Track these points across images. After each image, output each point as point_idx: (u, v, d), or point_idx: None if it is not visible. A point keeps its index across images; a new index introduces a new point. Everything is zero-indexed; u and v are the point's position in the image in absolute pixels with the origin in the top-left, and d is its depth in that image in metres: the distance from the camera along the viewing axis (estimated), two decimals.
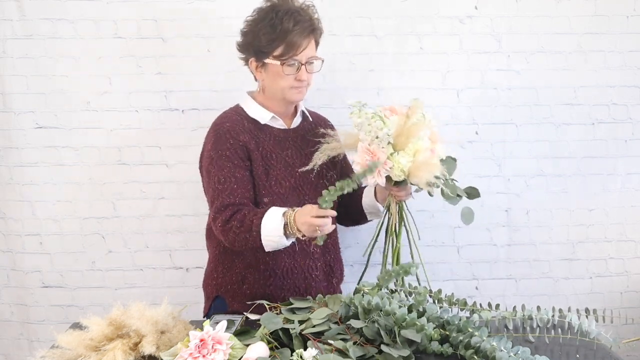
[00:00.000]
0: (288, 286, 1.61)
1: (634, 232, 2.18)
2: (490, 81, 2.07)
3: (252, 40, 1.56)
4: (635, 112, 2.11)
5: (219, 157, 1.55)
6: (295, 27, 1.52)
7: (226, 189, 1.52)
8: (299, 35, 1.52)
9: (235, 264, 1.63)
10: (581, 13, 2.03)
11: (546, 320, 1.38)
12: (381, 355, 1.21)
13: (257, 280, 1.60)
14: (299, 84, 1.58)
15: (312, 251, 1.63)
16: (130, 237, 2.12)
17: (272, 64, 1.54)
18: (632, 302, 2.21)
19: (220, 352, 1.16)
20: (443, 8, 2.02)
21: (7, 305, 2.18)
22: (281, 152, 1.62)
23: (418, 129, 1.51)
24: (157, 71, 2.01)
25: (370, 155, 1.50)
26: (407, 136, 1.50)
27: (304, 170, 1.61)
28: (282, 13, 1.52)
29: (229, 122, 1.59)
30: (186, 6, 1.98)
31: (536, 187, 2.14)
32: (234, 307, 1.62)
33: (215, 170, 1.54)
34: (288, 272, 1.61)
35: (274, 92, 1.60)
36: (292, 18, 1.52)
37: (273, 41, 1.52)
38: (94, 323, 1.27)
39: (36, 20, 1.96)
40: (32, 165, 2.05)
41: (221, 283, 1.65)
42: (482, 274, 2.19)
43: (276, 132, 1.64)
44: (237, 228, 1.48)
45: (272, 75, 1.57)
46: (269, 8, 1.55)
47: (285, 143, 1.64)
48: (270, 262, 1.59)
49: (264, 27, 1.52)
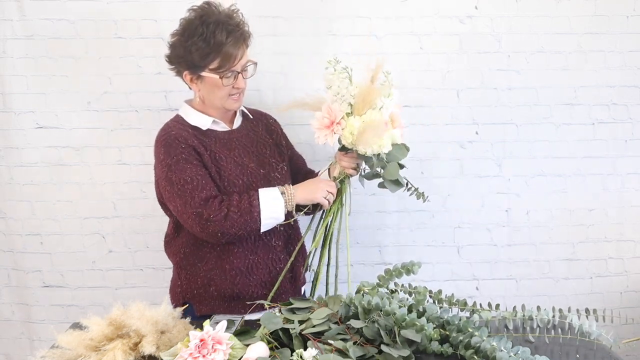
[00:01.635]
0: (254, 282, 1.62)
1: (633, 232, 2.18)
2: (490, 81, 2.07)
3: (184, 55, 1.51)
4: (635, 112, 2.11)
5: (176, 162, 1.52)
6: (228, 38, 1.49)
7: (197, 186, 1.51)
8: (234, 46, 1.50)
9: (198, 267, 1.62)
10: (581, 13, 2.03)
11: (546, 320, 1.38)
12: (381, 355, 1.21)
13: (224, 281, 1.60)
14: (237, 92, 1.58)
15: (274, 245, 1.64)
16: (130, 237, 2.12)
17: (209, 77, 1.53)
18: (632, 302, 2.21)
19: (220, 352, 1.16)
20: (443, 8, 2.02)
21: (8, 304, 2.18)
22: (229, 153, 1.61)
23: (377, 95, 1.49)
24: (157, 71, 2.01)
25: (328, 113, 1.51)
26: (366, 101, 1.49)
27: (255, 167, 1.63)
28: (213, 25, 1.48)
29: (174, 130, 1.57)
30: (186, 6, 1.97)
31: (536, 187, 2.14)
32: (202, 311, 1.61)
33: (177, 174, 1.51)
34: (253, 268, 1.61)
35: (213, 102, 1.59)
36: (224, 29, 1.49)
37: (207, 55, 1.49)
38: (94, 323, 1.27)
39: (36, 20, 1.97)
40: (32, 165, 2.05)
41: (186, 289, 1.65)
42: (482, 274, 2.19)
43: (220, 134, 1.63)
44: (234, 213, 1.49)
45: (209, 87, 1.55)
46: (196, 20, 1.50)
47: (231, 144, 1.64)
48: (235, 261, 1.59)
49: (197, 42, 1.48)
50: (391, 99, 1.51)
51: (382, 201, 2.11)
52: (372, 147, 1.49)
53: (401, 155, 1.55)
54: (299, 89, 2.02)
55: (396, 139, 1.54)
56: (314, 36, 2.00)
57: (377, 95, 1.49)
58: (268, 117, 1.81)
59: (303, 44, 1.99)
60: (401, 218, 2.15)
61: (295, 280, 1.70)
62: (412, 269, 1.42)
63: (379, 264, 2.17)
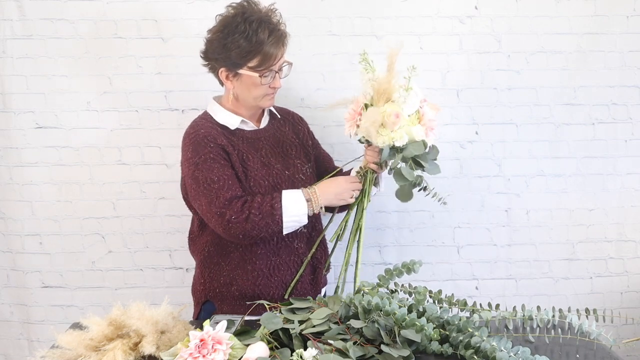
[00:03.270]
0: (275, 283, 1.62)
1: (633, 232, 2.18)
2: (490, 81, 2.07)
3: (223, 52, 1.51)
4: (635, 112, 2.11)
5: (204, 161, 1.52)
6: (269, 38, 1.49)
7: (223, 186, 1.51)
8: (274, 46, 1.51)
9: (222, 267, 1.63)
10: (581, 13, 2.03)
11: (546, 320, 1.38)
12: (381, 355, 1.21)
13: (245, 281, 1.60)
14: (273, 91, 1.59)
15: (296, 247, 1.64)
16: (130, 237, 2.12)
17: (248, 75, 1.52)
18: (632, 302, 2.21)
19: (220, 352, 1.16)
20: (443, 8, 2.02)
21: (7, 305, 2.18)
22: (256, 153, 1.61)
23: (392, 86, 1.47)
24: (157, 71, 2.01)
25: (356, 105, 1.51)
26: (381, 92, 1.47)
27: (280, 168, 1.63)
28: (255, 23, 1.48)
29: (203, 128, 1.57)
30: (186, 6, 1.98)
31: (536, 187, 2.14)
32: (223, 310, 1.63)
33: (204, 173, 1.51)
34: (274, 270, 1.61)
35: (247, 100, 1.59)
36: (266, 28, 1.49)
37: (248, 53, 1.49)
38: (94, 323, 1.27)
39: (36, 20, 1.96)
40: (32, 165, 2.05)
41: (209, 287, 1.65)
42: (482, 274, 2.19)
43: (248, 134, 1.63)
44: (255, 216, 1.48)
45: (245, 85, 1.55)
46: (238, 17, 1.50)
47: (258, 144, 1.64)
48: (257, 262, 1.60)
49: (237, 40, 1.48)
50: (410, 92, 1.47)
51: (382, 201, 2.11)
52: (379, 138, 1.46)
53: (416, 150, 1.49)
54: (299, 88, 2.03)
55: (414, 134, 1.48)
56: (314, 36, 2.00)
57: (391, 86, 1.47)
58: (295, 115, 1.80)
59: (303, 44, 1.99)
60: (401, 218, 2.15)
61: (316, 282, 1.70)
62: (413, 267, 1.42)
63: (379, 264, 2.17)
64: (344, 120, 1.56)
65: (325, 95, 2.04)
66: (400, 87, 1.47)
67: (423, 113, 1.52)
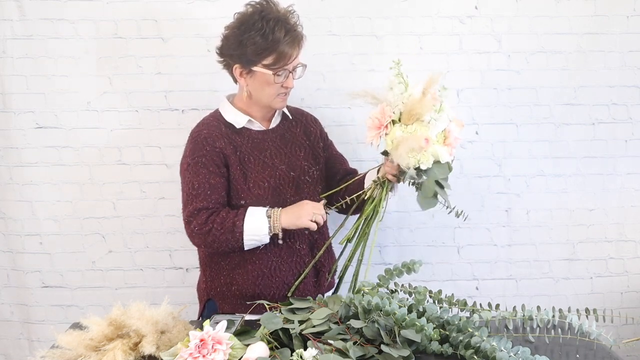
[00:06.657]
0: (277, 284, 1.62)
1: (633, 232, 2.18)
2: (490, 81, 2.07)
3: (239, 48, 1.52)
4: (635, 112, 2.11)
5: (195, 163, 1.56)
6: (286, 37, 1.50)
7: (200, 194, 1.54)
8: (290, 45, 1.51)
9: (222, 266, 1.64)
10: (581, 13, 2.03)
11: (546, 320, 1.38)
12: (381, 355, 1.21)
13: (246, 281, 1.61)
14: (285, 91, 1.59)
15: (297, 248, 1.64)
16: (130, 237, 2.12)
17: (261, 72, 1.53)
18: (632, 302, 2.21)
19: (220, 352, 1.17)
20: (443, 8, 2.02)
21: (7, 305, 2.18)
22: (259, 154, 1.62)
23: (424, 110, 1.45)
24: (157, 71, 2.01)
25: (381, 114, 1.49)
26: (412, 113, 1.45)
27: (285, 169, 1.63)
28: (272, 22, 1.49)
29: (207, 128, 1.59)
30: (186, 6, 1.98)
31: (536, 187, 2.14)
32: (225, 309, 1.64)
33: (191, 175, 1.55)
34: (276, 270, 1.62)
35: (260, 98, 1.59)
36: (282, 27, 1.50)
37: (264, 51, 1.50)
38: (94, 323, 1.27)
39: (36, 20, 1.96)
40: (32, 165, 2.05)
41: (211, 286, 1.66)
42: (482, 274, 2.19)
43: (254, 134, 1.64)
44: (217, 230, 1.51)
45: (258, 83, 1.56)
46: (256, 15, 1.51)
47: (264, 144, 1.64)
48: (257, 262, 1.60)
49: (254, 37, 1.49)
50: (442, 114, 1.46)
51: None
52: (407, 160, 1.43)
53: (440, 174, 1.47)
54: (299, 88, 2.02)
55: (440, 156, 1.46)
56: (314, 36, 2.00)
57: (424, 110, 1.45)
58: (309, 116, 1.79)
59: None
60: (401, 218, 2.15)
61: (319, 285, 1.70)
62: (413, 267, 1.42)
63: (379, 264, 2.17)
64: (366, 126, 1.52)
65: (325, 95, 2.04)
66: (433, 107, 1.45)
67: (449, 130, 1.50)
